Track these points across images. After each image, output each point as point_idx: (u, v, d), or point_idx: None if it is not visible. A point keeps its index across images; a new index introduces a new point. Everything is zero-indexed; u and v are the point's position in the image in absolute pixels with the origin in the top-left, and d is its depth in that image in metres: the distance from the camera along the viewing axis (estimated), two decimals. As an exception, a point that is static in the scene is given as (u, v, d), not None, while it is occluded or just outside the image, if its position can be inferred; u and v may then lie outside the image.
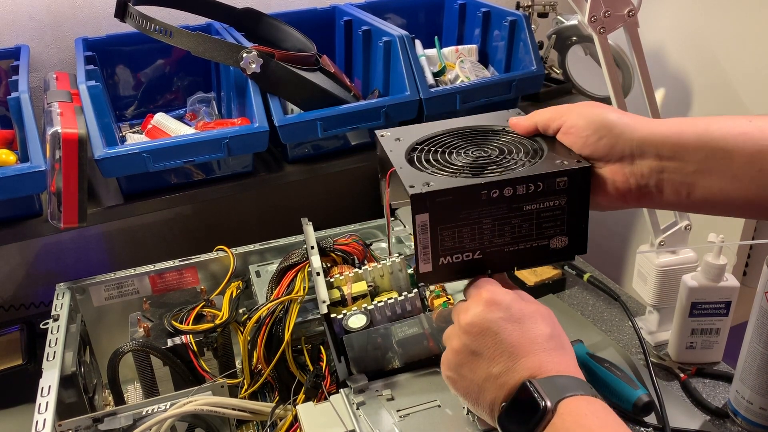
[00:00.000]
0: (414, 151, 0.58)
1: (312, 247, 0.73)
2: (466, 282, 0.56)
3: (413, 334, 0.62)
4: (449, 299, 0.68)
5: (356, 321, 0.62)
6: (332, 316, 0.63)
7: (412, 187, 0.51)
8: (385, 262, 0.70)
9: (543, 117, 0.57)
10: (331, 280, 0.69)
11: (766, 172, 0.47)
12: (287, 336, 0.69)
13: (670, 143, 0.50)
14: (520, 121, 0.59)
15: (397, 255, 0.72)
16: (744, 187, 0.48)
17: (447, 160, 0.56)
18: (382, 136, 0.61)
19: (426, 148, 0.58)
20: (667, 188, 0.51)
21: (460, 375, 0.51)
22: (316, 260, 0.70)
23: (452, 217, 0.53)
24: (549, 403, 0.45)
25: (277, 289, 0.72)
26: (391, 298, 0.64)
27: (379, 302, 0.63)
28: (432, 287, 0.70)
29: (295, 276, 0.72)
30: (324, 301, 0.64)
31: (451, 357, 0.52)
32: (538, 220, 0.54)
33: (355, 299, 0.67)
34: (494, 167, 0.54)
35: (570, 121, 0.54)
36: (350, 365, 0.63)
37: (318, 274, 0.68)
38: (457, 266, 0.55)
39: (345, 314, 0.63)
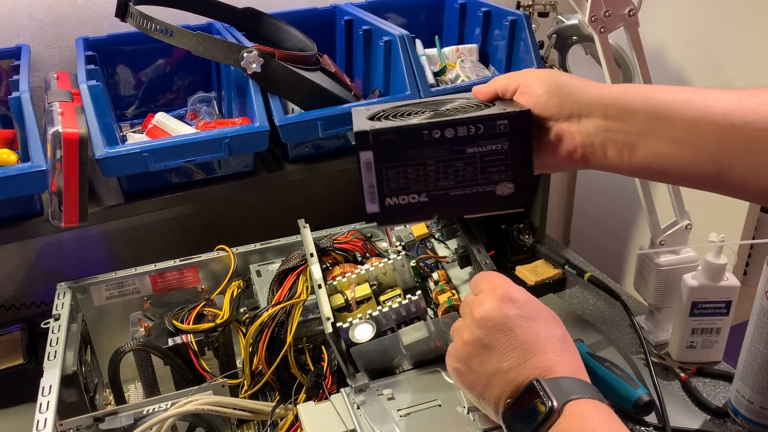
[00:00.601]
0: (377, 114, 0.60)
1: (311, 255, 0.72)
2: (465, 277, 0.56)
3: (421, 338, 0.62)
4: (453, 294, 0.68)
5: (362, 332, 0.62)
6: (338, 324, 0.62)
7: (359, 127, 0.54)
8: (386, 260, 0.70)
9: (502, 82, 0.60)
10: (334, 283, 0.69)
11: (704, 138, 0.49)
12: (290, 338, 0.69)
13: (617, 105, 0.52)
14: (482, 88, 0.61)
15: (397, 245, 0.71)
16: (683, 152, 0.50)
17: (404, 117, 0.58)
18: (357, 109, 0.63)
19: (389, 111, 0.61)
20: (610, 148, 0.53)
21: (469, 367, 0.51)
22: (316, 270, 0.69)
23: (396, 157, 0.55)
24: (556, 404, 0.45)
25: (279, 293, 0.72)
26: (395, 303, 0.64)
27: (383, 308, 0.63)
28: (434, 287, 0.70)
29: (296, 279, 0.72)
30: (328, 318, 0.63)
31: (461, 349, 0.52)
32: (482, 164, 0.56)
33: (359, 303, 0.67)
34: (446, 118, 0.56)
35: (525, 82, 0.57)
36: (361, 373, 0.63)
37: (320, 287, 0.67)
38: (404, 208, 0.56)
39: (351, 322, 0.62)
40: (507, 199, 0.57)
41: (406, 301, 0.63)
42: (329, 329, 0.62)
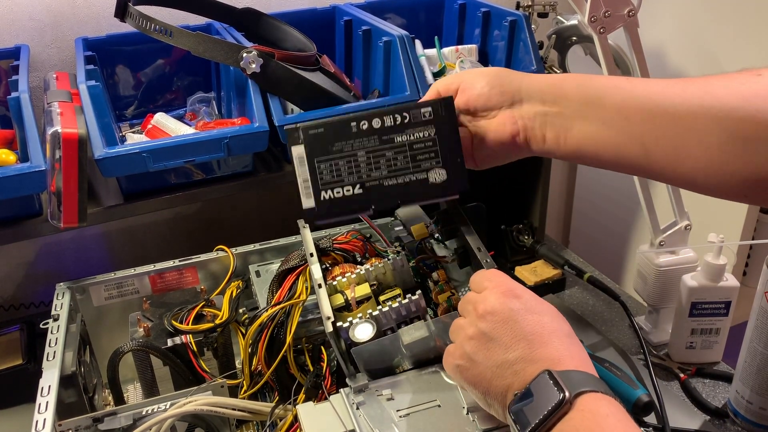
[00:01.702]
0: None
1: (311, 255, 0.72)
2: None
3: (421, 337, 0.62)
4: (453, 293, 0.67)
5: (362, 332, 0.62)
6: (338, 324, 0.62)
7: (289, 124, 0.57)
8: (386, 260, 0.70)
9: (443, 82, 0.62)
10: (334, 283, 0.69)
11: (631, 120, 0.51)
12: (289, 339, 0.69)
13: (553, 90, 0.56)
14: (426, 94, 0.64)
15: (396, 245, 0.71)
16: (612, 134, 0.53)
17: None
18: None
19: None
20: (548, 131, 0.56)
21: (473, 362, 0.51)
22: (316, 270, 0.69)
23: (327, 150, 0.57)
24: (568, 394, 0.44)
25: (278, 293, 0.72)
26: (395, 303, 0.64)
27: (383, 308, 0.63)
28: (434, 286, 0.70)
29: (296, 279, 0.71)
30: (329, 318, 0.63)
31: (466, 344, 0.52)
32: (412, 152, 0.58)
33: (359, 302, 0.67)
34: None
35: (467, 80, 0.60)
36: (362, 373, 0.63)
37: (320, 286, 0.67)
38: (341, 201, 0.58)
39: (351, 322, 0.62)
40: (441, 186, 0.59)
41: (406, 300, 0.63)
42: (329, 328, 0.62)
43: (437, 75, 1.04)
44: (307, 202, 0.58)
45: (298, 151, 0.57)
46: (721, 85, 0.48)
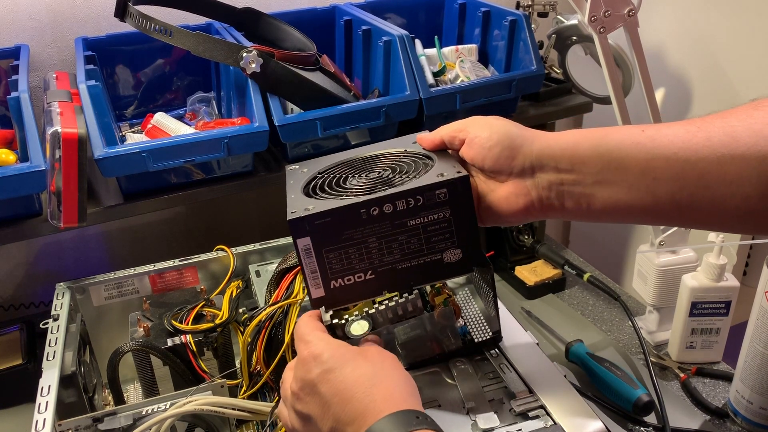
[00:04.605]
0: (313, 179, 0.58)
1: None
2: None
3: (416, 335, 0.61)
4: (450, 295, 0.67)
5: (358, 328, 0.62)
6: (334, 322, 0.63)
7: (293, 212, 0.52)
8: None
9: (448, 130, 0.57)
10: None
11: (659, 180, 0.47)
12: (287, 338, 0.69)
13: (567, 156, 0.50)
14: (427, 137, 0.59)
15: None
16: (640, 197, 0.48)
17: (341, 186, 0.56)
18: (291, 169, 0.61)
19: (324, 176, 0.58)
20: (567, 200, 0.51)
21: None
22: None
23: (336, 239, 0.53)
24: None
25: (276, 292, 0.72)
26: (392, 301, 0.64)
27: (380, 306, 0.63)
28: (430, 289, 0.70)
29: (294, 278, 0.71)
30: (326, 322, 0.63)
31: (292, 426, 0.52)
32: (426, 235, 0.54)
33: None
34: (384, 186, 0.53)
35: (473, 132, 0.54)
36: None
37: None
38: (352, 288, 0.55)
39: (347, 319, 0.62)
40: (455, 264, 0.55)
41: (403, 299, 0.63)
42: (327, 323, 0.62)
43: (437, 75, 1.04)
44: (316, 292, 0.54)
45: (304, 243, 0.52)
46: (743, 128, 0.46)
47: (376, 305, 0.64)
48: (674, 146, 0.47)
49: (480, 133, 0.54)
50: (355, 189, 0.55)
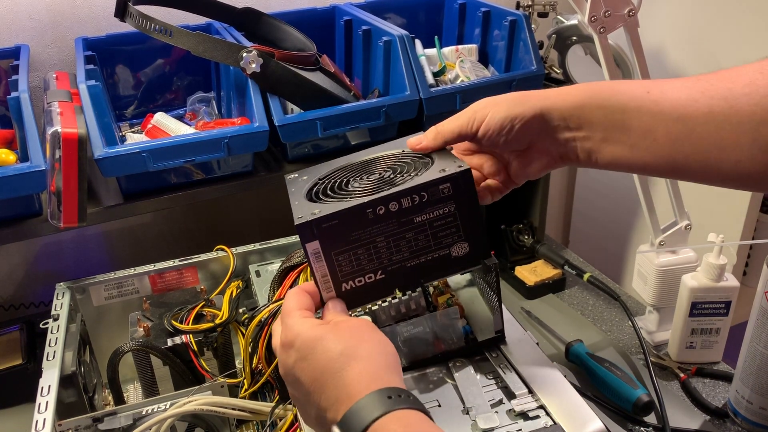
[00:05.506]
0: (315, 185, 0.59)
1: None
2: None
3: (418, 333, 0.62)
4: (452, 295, 0.68)
5: None
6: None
7: (300, 218, 0.52)
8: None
9: (452, 126, 0.58)
10: None
11: (658, 142, 0.52)
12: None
13: (576, 116, 0.55)
14: (423, 142, 0.59)
15: None
16: (641, 155, 0.53)
17: (344, 189, 0.56)
18: (291, 178, 0.61)
19: (326, 181, 0.59)
20: (580, 153, 0.56)
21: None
22: None
23: (344, 241, 0.53)
24: None
25: (279, 290, 0.72)
26: (395, 298, 0.64)
27: (382, 303, 0.63)
28: (433, 289, 0.70)
29: (298, 277, 0.72)
30: None
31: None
32: (433, 231, 0.55)
33: None
34: (387, 186, 0.54)
35: (482, 112, 0.57)
36: None
37: None
38: (363, 289, 0.55)
39: (350, 315, 0.63)
40: (464, 259, 0.56)
41: (406, 297, 0.63)
42: None
43: (437, 75, 1.04)
44: (328, 295, 0.55)
45: (313, 247, 0.53)
46: (743, 95, 0.49)
47: (379, 302, 0.64)
48: (676, 112, 0.51)
49: (494, 112, 0.56)
50: (359, 190, 0.55)
